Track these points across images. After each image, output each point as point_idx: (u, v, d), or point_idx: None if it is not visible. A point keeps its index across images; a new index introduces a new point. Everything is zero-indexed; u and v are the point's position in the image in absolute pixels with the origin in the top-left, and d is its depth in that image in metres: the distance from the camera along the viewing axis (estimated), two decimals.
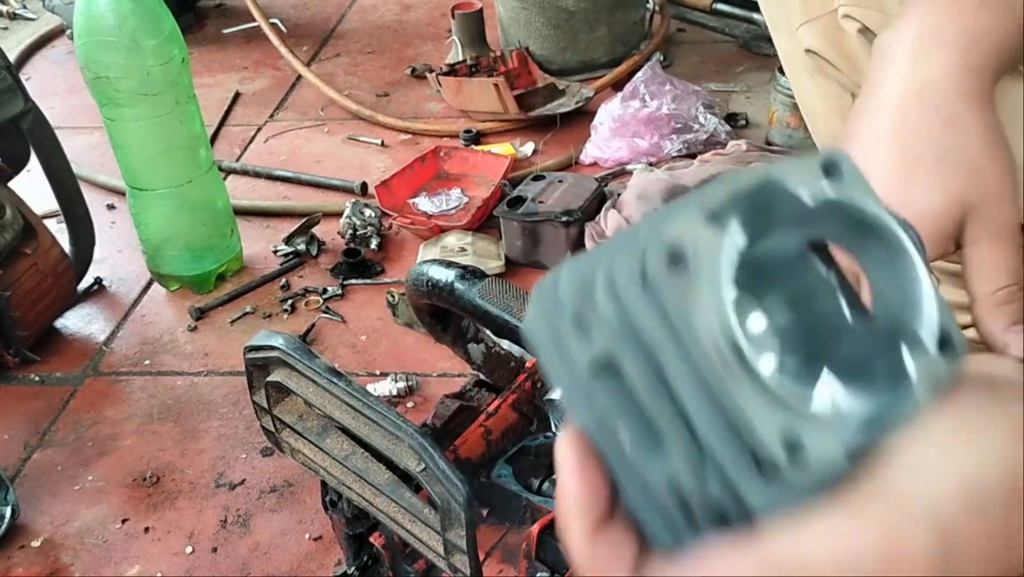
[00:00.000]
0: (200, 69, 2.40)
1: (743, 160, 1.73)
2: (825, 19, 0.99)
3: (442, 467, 0.71)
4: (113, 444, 1.40)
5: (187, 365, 1.53)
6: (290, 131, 2.17)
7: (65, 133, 1.67)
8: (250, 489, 1.30)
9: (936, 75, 0.59)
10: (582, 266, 0.33)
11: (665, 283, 0.29)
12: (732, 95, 2.11)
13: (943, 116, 0.58)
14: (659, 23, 2.29)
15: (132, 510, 1.29)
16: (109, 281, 1.74)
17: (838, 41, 0.99)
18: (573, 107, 2.02)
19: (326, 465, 0.85)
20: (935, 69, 0.60)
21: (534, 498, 0.89)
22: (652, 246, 0.30)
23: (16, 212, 1.50)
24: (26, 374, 1.54)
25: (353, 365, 1.49)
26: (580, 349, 0.32)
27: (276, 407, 0.86)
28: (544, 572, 0.79)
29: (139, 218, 1.63)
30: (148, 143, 1.54)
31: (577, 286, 0.32)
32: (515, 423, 0.96)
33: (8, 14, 2.89)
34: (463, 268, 0.86)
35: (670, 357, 0.30)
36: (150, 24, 1.45)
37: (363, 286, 1.66)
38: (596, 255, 0.33)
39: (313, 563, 1.19)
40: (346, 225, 1.72)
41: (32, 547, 1.25)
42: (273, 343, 0.81)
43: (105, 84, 1.47)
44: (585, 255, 0.34)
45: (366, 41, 2.56)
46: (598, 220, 1.64)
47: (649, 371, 0.31)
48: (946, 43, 0.60)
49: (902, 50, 0.62)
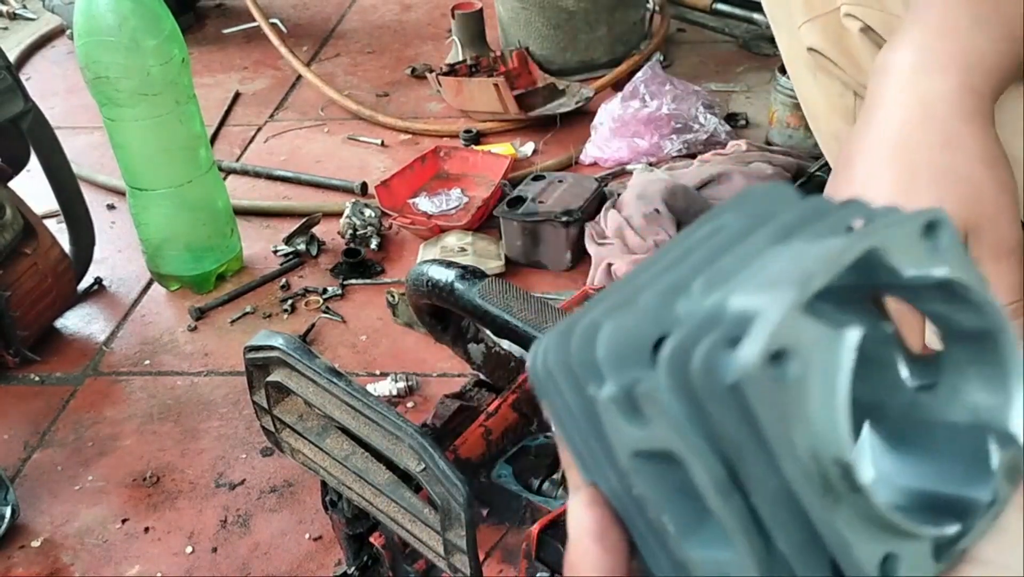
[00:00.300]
0: (200, 69, 2.40)
1: (743, 160, 1.73)
2: (827, 18, 0.99)
3: (442, 467, 0.71)
4: (113, 444, 1.40)
5: (187, 365, 1.53)
6: (290, 131, 2.17)
7: (65, 133, 1.67)
8: (250, 489, 1.30)
9: (936, 96, 0.59)
10: (629, 323, 0.28)
11: (761, 385, 0.25)
12: (732, 95, 2.11)
13: (943, 136, 0.58)
14: (659, 23, 2.29)
15: (132, 510, 1.29)
16: (109, 281, 1.74)
17: (840, 40, 1.00)
18: (573, 107, 2.02)
19: (326, 465, 0.85)
20: (935, 89, 0.60)
21: (534, 498, 0.89)
22: (729, 326, 0.25)
23: (16, 212, 1.50)
24: (26, 374, 1.54)
25: (353, 365, 1.49)
26: (625, 429, 0.28)
27: (276, 407, 0.86)
28: (544, 572, 0.79)
29: (139, 218, 1.63)
30: (148, 143, 1.54)
31: (623, 350, 0.28)
32: (515, 423, 0.96)
33: (8, 14, 2.89)
34: (463, 268, 0.86)
35: (754, 467, 0.26)
36: (150, 24, 1.45)
37: (363, 286, 1.66)
38: (647, 306, 0.28)
39: (313, 563, 1.19)
40: (346, 225, 1.72)
41: (32, 547, 1.25)
42: (273, 343, 0.81)
43: (105, 84, 1.47)
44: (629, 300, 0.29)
45: (366, 41, 2.56)
46: (598, 220, 1.64)
47: (720, 474, 0.27)
48: (945, 63, 0.60)
49: (903, 69, 0.62)
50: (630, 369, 0.28)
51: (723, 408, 0.26)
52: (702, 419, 0.26)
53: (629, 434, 0.28)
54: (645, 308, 0.28)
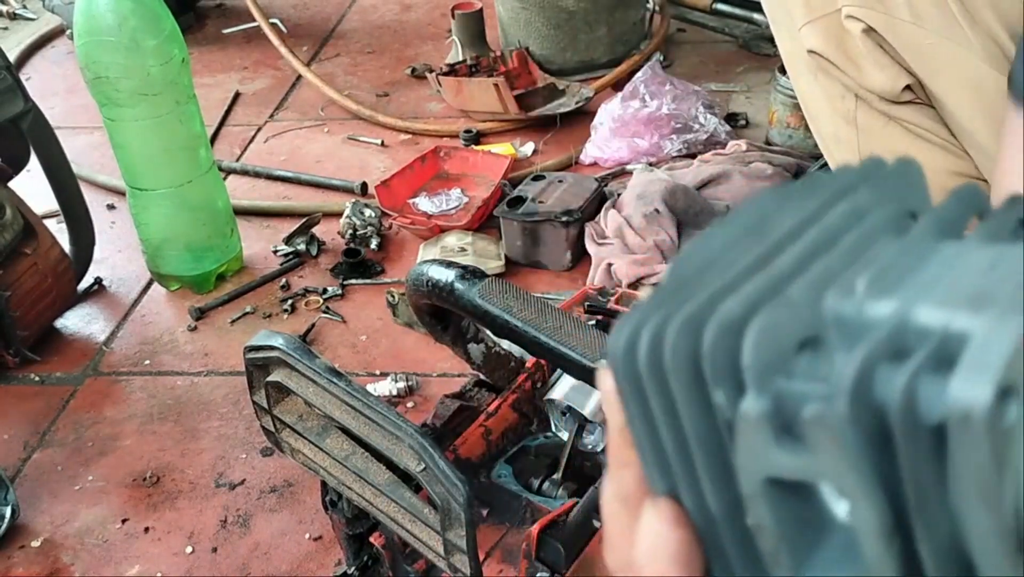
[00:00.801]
0: (200, 69, 2.40)
1: (743, 160, 1.73)
2: (827, 19, 0.99)
3: (442, 467, 0.71)
4: (113, 444, 1.40)
5: (187, 365, 1.53)
6: (290, 131, 2.17)
7: (65, 133, 1.67)
8: (250, 489, 1.30)
9: None
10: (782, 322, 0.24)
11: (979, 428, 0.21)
12: (732, 95, 2.11)
13: None
14: (659, 23, 2.29)
15: (132, 510, 1.29)
16: (109, 281, 1.74)
17: (841, 41, 0.99)
18: (573, 107, 2.02)
19: (326, 465, 0.85)
20: None
21: (534, 498, 0.89)
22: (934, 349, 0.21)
23: (16, 212, 1.50)
24: (26, 374, 1.54)
25: (353, 365, 1.49)
26: (769, 452, 0.24)
27: (276, 407, 0.86)
28: (544, 572, 0.79)
29: (139, 218, 1.63)
30: (148, 143, 1.54)
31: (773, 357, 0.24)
32: (515, 423, 0.96)
33: (8, 14, 2.89)
34: (463, 268, 0.86)
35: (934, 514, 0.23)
36: (150, 24, 1.45)
37: (363, 286, 1.66)
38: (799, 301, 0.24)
39: (313, 563, 1.19)
40: (346, 225, 1.72)
41: (32, 547, 1.25)
42: (273, 343, 0.81)
43: (105, 84, 1.47)
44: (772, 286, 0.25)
45: (366, 41, 2.56)
46: (598, 220, 1.64)
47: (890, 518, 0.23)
48: None
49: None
50: (774, 377, 0.24)
51: (918, 446, 0.22)
52: (882, 453, 0.23)
53: (773, 459, 0.24)
54: (797, 303, 0.24)
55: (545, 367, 0.98)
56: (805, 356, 0.24)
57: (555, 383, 0.95)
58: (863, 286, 0.24)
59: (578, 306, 1.01)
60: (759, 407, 0.24)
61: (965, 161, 1.02)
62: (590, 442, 0.93)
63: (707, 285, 0.26)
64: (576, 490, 0.88)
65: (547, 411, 0.96)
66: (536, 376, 0.97)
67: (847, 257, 0.25)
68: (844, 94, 1.03)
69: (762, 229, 0.27)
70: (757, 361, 0.24)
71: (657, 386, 0.26)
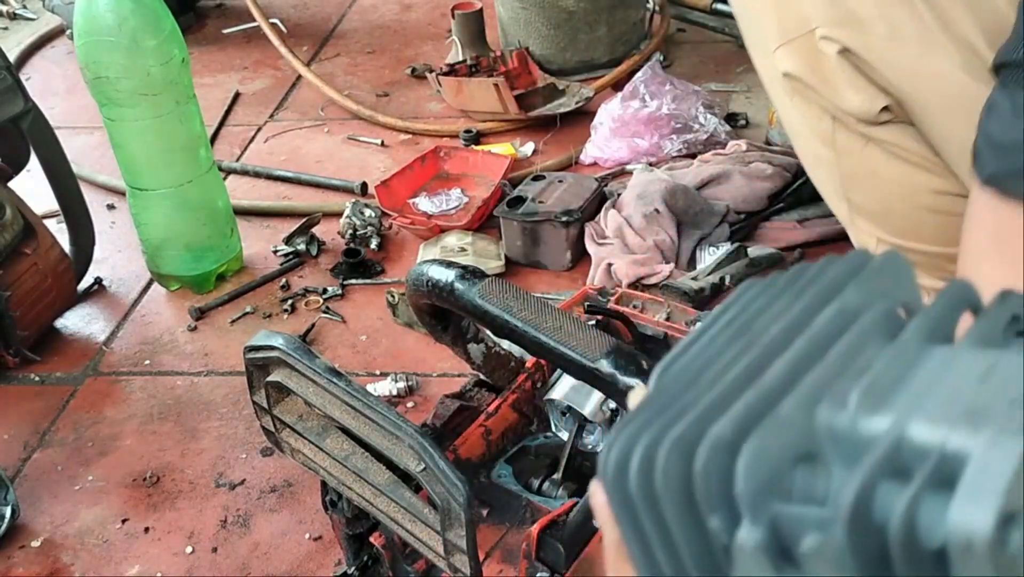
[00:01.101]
0: (200, 69, 2.40)
1: (743, 160, 1.73)
2: (801, 41, 0.97)
3: (442, 467, 0.71)
4: (113, 444, 1.40)
5: (187, 365, 1.53)
6: (290, 131, 2.17)
7: (65, 133, 1.67)
8: (250, 489, 1.30)
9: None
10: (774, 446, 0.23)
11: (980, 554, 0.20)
12: (732, 95, 2.11)
13: None
14: (659, 23, 2.29)
15: (132, 510, 1.29)
16: (109, 281, 1.74)
17: (817, 64, 0.97)
18: (573, 107, 2.02)
19: (326, 465, 0.85)
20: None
21: (534, 498, 0.89)
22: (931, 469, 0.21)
23: (16, 212, 1.50)
24: (26, 374, 1.54)
25: (353, 365, 1.49)
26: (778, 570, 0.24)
27: (276, 407, 0.86)
28: (544, 572, 0.79)
29: (139, 218, 1.63)
30: (148, 143, 1.54)
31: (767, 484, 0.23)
32: (515, 423, 0.96)
33: (8, 14, 2.89)
34: (463, 268, 0.86)
35: None
36: (150, 24, 1.45)
37: (363, 286, 1.66)
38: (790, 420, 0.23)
39: (313, 563, 1.19)
40: (346, 225, 1.72)
41: (32, 547, 1.25)
42: (273, 343, 0.81)
43: (105, 84, 1.47)
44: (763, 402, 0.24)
45: (366, 41, 2.56)
46: (598, 220, 1.64)
47: None
48: None
49: None
50: (770, 500, 0.23)
51: (919, 570, 0.21)
52: (882, 570, 0.22)
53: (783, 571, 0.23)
54: (789, 421, 0.24)
55: (545, 367, 0.98)
56: (800, 472, 0.24)
57: (555, 383, 0.95)
58: (855, 399, 0.24)
59: (578, 306, 1.01)
60: (755, 537, 0.23)
61: (947, 179, 0.99)
62: (590, 442, 0.93)
63: (696, 400, 0.26)
64: (576, 490, 0.88)
65: (547, 411, 0.96)
66: (536, 376, 0.97)
67: (838, 366, 0.25)
68: (821, 116, 1.01)
69: (749, 332, 0.26)
70: (751, 488, 0.23)
71: (649, 508, 0.26)
